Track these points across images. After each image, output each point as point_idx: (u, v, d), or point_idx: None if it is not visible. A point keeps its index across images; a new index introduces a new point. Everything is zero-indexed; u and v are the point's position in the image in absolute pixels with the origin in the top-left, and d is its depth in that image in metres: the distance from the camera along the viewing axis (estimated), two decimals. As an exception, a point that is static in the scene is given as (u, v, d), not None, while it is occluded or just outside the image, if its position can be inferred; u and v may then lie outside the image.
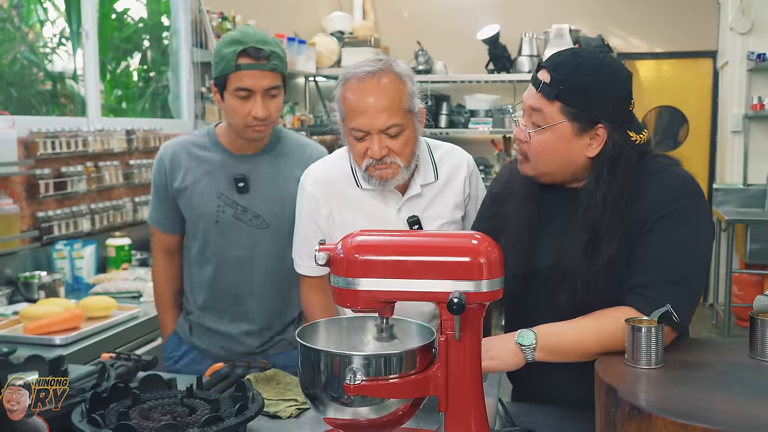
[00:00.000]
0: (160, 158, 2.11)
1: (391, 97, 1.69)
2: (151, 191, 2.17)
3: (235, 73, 1.92)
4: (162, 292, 2.21)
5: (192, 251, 2.13)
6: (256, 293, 2.08)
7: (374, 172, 1.75)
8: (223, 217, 2.04)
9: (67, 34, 3.85)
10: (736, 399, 1.16)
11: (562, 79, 1.45)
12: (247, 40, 1.92)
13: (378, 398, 1.25)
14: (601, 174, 1.47)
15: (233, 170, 2.05)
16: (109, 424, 1.34)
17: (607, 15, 6.23)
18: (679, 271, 1.42)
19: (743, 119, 5.60)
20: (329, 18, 6.33)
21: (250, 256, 2.06)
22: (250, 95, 1.93)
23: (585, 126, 1.46)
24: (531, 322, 1.48)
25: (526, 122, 1.52)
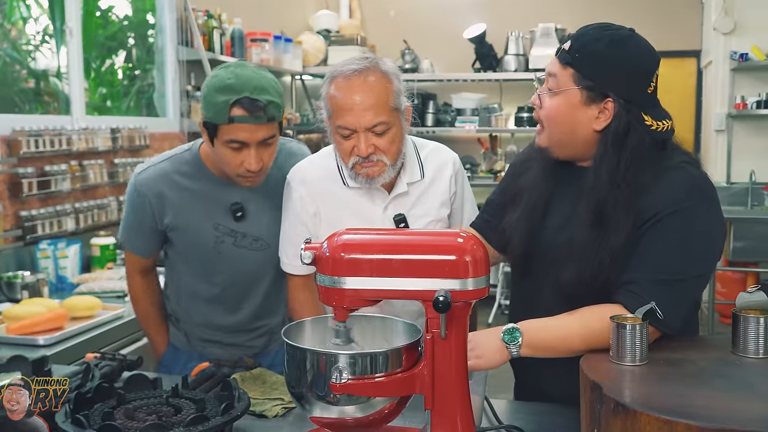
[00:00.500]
0: (141, 194, 1.95)
1: (378, 95, 1.69)
2: (128, 221, 2.04)
3: (227, 125, 1.77)
4: (147, 310, 2.12)
5: (186, 269, 2.03)
6: (260, 306, 2.04)
7: (361, 170, 1.75)
8: (222, 247, 1.96)
9: (51, 32, 3.81)
10: (719, 395, 1.17)
11: (579, 48, 1.46)
12: (242, 88, 1.76)
13: (364, 397, 1.25)
14: (606, 150, 1.46)
15: (227, 198, 1.95)
16: (93, 424, 1.33)
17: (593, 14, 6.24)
18: (674, 273, 1.41)
19: (726, 118, 5.65)
20: (316, 16, 6.32)
21: (254, 277, 2.01)
22: (243, 147, 1.80)
23: (594, 97, 1.46)
24: (534, 299, 1.51)
25: (543, 88, 1.54)
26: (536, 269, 1.59)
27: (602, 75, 1.45)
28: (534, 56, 5.86)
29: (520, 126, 6.10)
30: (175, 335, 2.10)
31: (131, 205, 2.01)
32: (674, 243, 1.42)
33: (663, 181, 1.45)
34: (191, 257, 2.01)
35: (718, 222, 1.48)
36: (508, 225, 1.62)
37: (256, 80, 1.79)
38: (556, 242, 1.54)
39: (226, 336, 2.05)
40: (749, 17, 5.57)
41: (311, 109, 6.23)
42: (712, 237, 1.47)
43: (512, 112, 6.22)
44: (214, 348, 2.05)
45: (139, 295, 2.12)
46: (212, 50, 4.38)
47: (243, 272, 1.99)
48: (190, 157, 1.98)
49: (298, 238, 1.82)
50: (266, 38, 5.00)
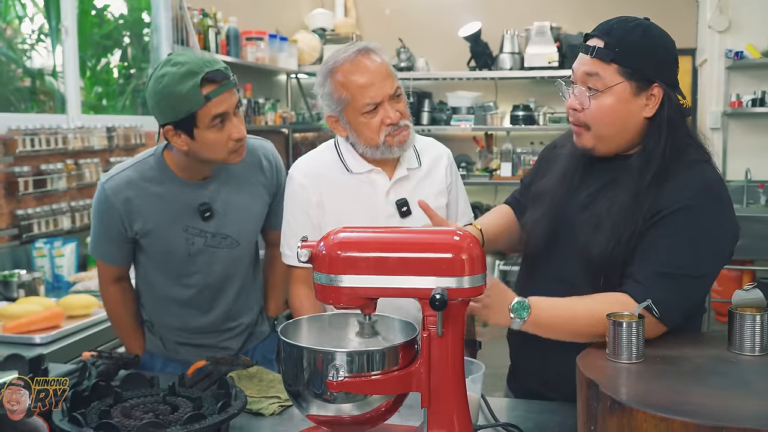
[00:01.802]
0: (109, 202, 1.92)
1: (386, 66, 1.83)
2: (96, 229, 2.00)
3: (204, 106, 1.77)
4: (121, 320, 2.09)
5: (157, 274, 2.02)
6: (233, 304, 2.06)
7: (393, 139, 1.83)
8: (194, 248, 1.96)
9: (46, 30, 3.80)
10: (715, 392, 1.17)
11: (617, 42, 1.49)
12: (198, 68, 1.77)
13: (361, 395, 1.25)
14: (657, 133, 1.50)
15: (194, 200, 1.95)
16: (90, 423, 1.34)
17: (588, 12, 6.25)
18: (679, 267, 1.44)
19: (722, 116, 5.66)
20: (311, 15, 6.32)
21: (226, 274, 2.02)
22: (224, 120, 1.81)
23: (642, 85, 1.50)
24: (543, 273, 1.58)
25: (581, 90, 1.54)
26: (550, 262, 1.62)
27: (645, 64, 1.50)
28: (529, 54, 5.86)
29: (516, 124, 6.10)
30: (151, 341, 2.08)
31: (99, 215, 1.98)
32: (682, 239, 1.44)
33: (678, 177, 1.48)
34: (164, 262, 1.99)
35: (727, 223, 1.50)
36: (529, 222, 1.67)
37: (200, 58, 1.81)
38: (580, 222, 1.56)
39: (201, 337, 2.05)
40: (744, 15, 5.58)
41: (307, 108, 6.22)
42: (720, 237, 1.48)
43: (507, 110, 6.23)
44: (190, 351, 2.04)
45: (115, 304, 2.08)
46: (207, 49, 4.38)
47: (215, 272, 2.00)
48: (154, 162, 1.96)
49: (300, 228, 1.85)
50: (261, 37, 5.00)
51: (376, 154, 1.85)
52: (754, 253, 5.15)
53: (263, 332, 2.18)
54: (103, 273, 2.07)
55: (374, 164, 1.89)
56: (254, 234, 2.08)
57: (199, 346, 2.05)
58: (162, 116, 1.82)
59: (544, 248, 1.63)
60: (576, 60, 1.57)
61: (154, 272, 2.02)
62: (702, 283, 1.49)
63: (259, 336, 2.16)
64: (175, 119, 1.79)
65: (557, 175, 1.67)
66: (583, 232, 1.54)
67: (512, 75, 6.00)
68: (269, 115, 5.20)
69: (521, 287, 1.74)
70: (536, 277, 1.68)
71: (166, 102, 1.79)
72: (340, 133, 1.90)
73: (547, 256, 1.64)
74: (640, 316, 1.33)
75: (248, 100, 4.91)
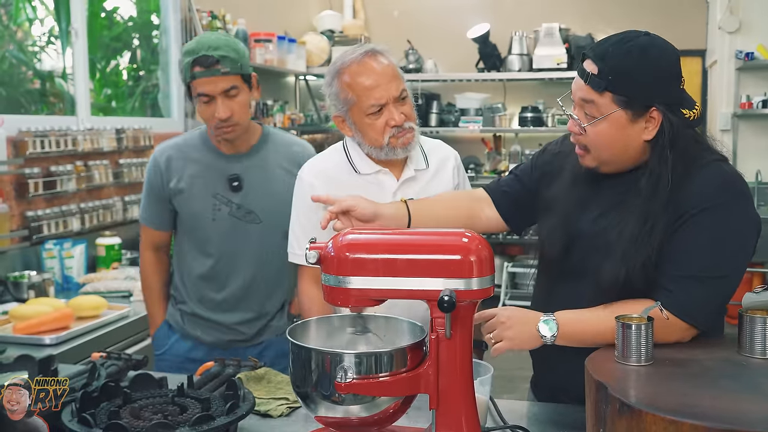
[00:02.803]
0: (155, 160, 2.19)
1: (392, 68, 1.84)
2: (144, 191, 2.25)
3: (193, 82, 2.03)
4: (151, 284, 2.29)
5: (187, 246, 2.20)
6: (249, 284, 2.18)
7: (398, 141, 1.84)
8: (219, 215, 2.14)
9: (56, 33, 3.83)
10: (725, 395, 1.17)
11: (610, 70, 1.43)
12: (199, 48, 2.01)
13: (369, 396, 1.25)
14: (661, 156, 1.46)
15: (227, 170, 2.14)
16: (99, 423, 1.34)
17: (597, 14, 6.25)
18: (705, 269, 1.42)
19: (732, 118, 5.63)
20: (319, 17, 6.33)
21: (245, 249, 2.15)
22: (210, 100, 2.03)
23: (639, 111, 1.45)
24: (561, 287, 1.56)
25: (579, 114, 1.51)
26: (567, 270, 1.60)
27: (641, 89, 1.44)
28: (538, 56, 5.86)
29: (524, 126, 6.09)
30: (172, 314, 2.25)
31: (147, 176, 2.22)
32: (706, 240, 1.42)
33: (696, 178, 1.45)
34: (191, 227, 2.17)
35: (750, 218, 1.47)
36: (543, 232, 1.65)
37: (213, 41, 2.05)
38: (592, 244, 1.54)
39: (216, 313, 2.18)
40: (754, 16, 5.56)
41: (315, 109, 6.23)
42: (744, 233, 1.46)
43: (516, 112, 6.22)
44: (204, 328, 2.19)
45: (148, 270, 2.29)
46: (217, 51, 4.38)
47: (234, 243, 2.15)
48: (198, 134, 2.22)
49: (309, 228, 1.86)
50: (270, 39, 5.01)
51: (381, 155, 1.87)
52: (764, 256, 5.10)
53: (280, 327, 2.24)
54: (144, 238, 2.29)
55: (382, 165, 1.89)
56: (280, 218, 2.07)
57: (213, 324, 2.19)
58: None
59: (562, 255, 1.61)
60: (574, 81, 1.52)
61: (183, 239, 2.21)
62: (728, 282, 1.46)
63: (276, 330, 2.23)
64: (184, 81, 2.09)
65: (567, 184, 1.64)
66: (594, 257, 1.51)
67: (521, 76, 6.00)
68: (278, 117, 5.21)
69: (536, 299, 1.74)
70: (550, 289, 1.66)
71: (179, 66, 2.10)
72: (346, 132, 1.92)
73: (563, 265, 1.61)
74: (650, 318, 1.33)
75: (257, 101, 4.92)
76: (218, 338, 2.19)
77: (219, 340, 2.19)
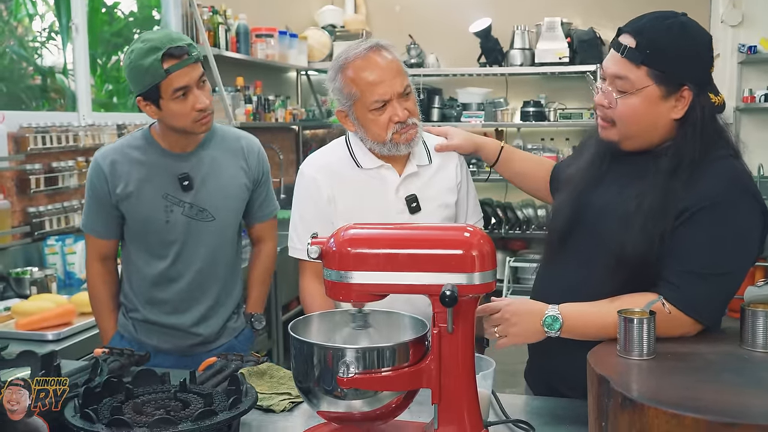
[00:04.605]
0: (97, 166, 2.08)
1: (397, 63, 1.84)
2: (87, 198, 2.14)
3: (166, 79, 1.93)
4: (99, 295, 2.19)
5: (137, 251, 2.12)
6: (205, 284, 2.13)
7: (401, 137, 1.84)
8: (172, 216, 2.07)
9: (57, 29, 3.82)
10: (727, 389, 1.17)
11: (648, 44, 1.45)
12: (162, 43, 1.93)
13: (371, 391, 1.25)
14: (687, 135, 1.47)
15: (175, 169, 2.07)
16: (102, 419, 1.34)
17: (599, 8, 6.22)
18: (709, 266, 1.42)
19: (734, 111, 5.62)
20: (321, 12, 6.31)
21: (198, 249, 2.10)
22: (187, 92, 1.96)
23: (671, 89, 1.47)
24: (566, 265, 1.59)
25: (610, 90, 1.52)
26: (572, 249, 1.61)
27: (677, 67, 1.46)
28: (540, 50, 5.84)
29: (526, 120, 6.08)
30: (124, 324, 2.16)
31: (89, 182, 2.11)
32: (711, 236, 1.43)
33: (704, 174, 1.46)
34: (143, 232, 2.09)
35: (756, 216, 1.47)
36: (553, 208, 1.69)
37: (167, 34, 1.98)
38: (602, 223, 1.54)
39: (168, 316, 2.11)
40: (757, 10, 5.54)
41: (317, 105, 6.22)
42: (750, 230, 1.46)
43: (518, 106, 6.20)
44: (160, 336, 2.12)
45: (96, 281, 2.18)
46: (218, 46, 4.38)
47: (188, 243, 2.08)
48: (140, 135, 2.13)
49: (312, 222, 1.87)
50: (271, 34, 5.00)
51: (383, 150, 1.86)
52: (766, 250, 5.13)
53: (237, 328, 2.21)
54: (90, 249, 2.18)
55: (384, 160, 1.89)
56: (231, 214, 2.12)
57: (168, 329, 2.12)
58: (133, 87, 1.99)
59: (566, 235, 1.63)
60: (607, 56, 1.54)
61: (134, 247, 2.12)
62: (732, 279, 1.46)
63: (234, 331, 2.20)
64: (142, 90, 1.96)
65: (584, 163, 1.67)
66: (609, 229, 1.51)
67: (523, 71, 5.98)
68: (279, 112, 5.20)
69: (540, 276, 1.75)
70: (556, 266, 1.67)
71: (133, 74, 1.96)
72: (349, 127, 1.91)
73: (568, 243, 1.63)
74: (651, 312, 1.32)
75: (258, 97, 4.91)
76: (176, 344, 2.12)
77: (177, 346, 2.11)
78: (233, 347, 2.16)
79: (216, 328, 2.16)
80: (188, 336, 2.13)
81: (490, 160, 1.97)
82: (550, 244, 1.70)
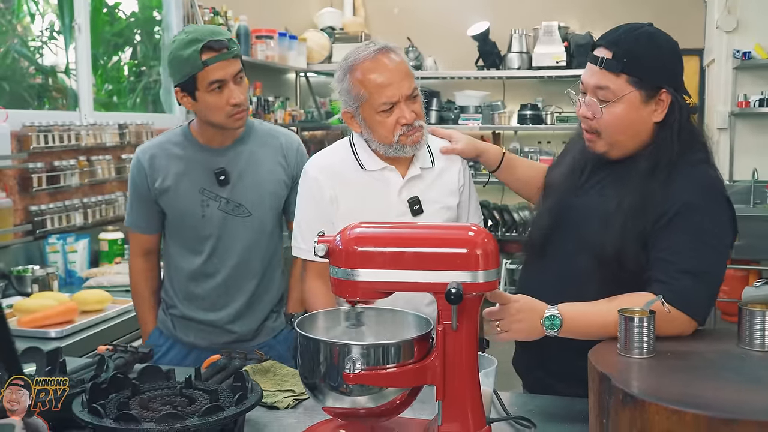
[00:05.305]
0: (138, 161, 2.13)
1: (405, 66, 1.85)
2: (129, 194, 2.18)
3: (203, 71, 1.95)
4: (142, 292, 2.23)
5: (175, 246, 2.15)
6: (241, 280, 2.13)
7: (407, 139, 1.85)
8: (207, 210, 2.09)
9: (58, 28, 3.83)
10: (727, 386, 1.19)
11: (624, 53, 1.55)
12: (203, 36, 1.95)
13: (376, 387, 1.27)
14: (665, 137, 1.57)
15: (212, 164, 2.09)
16: (109, 414, 1.35)
17: (596, 12, 6.26)
18: (697, 264, 1.48)
19: (729, 116, 5.65)
20: (320, 14, 6.34)
21: (234, 244, 2.11)
22: (222, 86, 1.98)
23: (651, 92, 1.56)
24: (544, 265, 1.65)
25: (591, 101, 1.59)
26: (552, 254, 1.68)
27: (652, 71, 1.56)
28: (537, 54, 5.87)
29: (523, 123, 6.11)
30: (163, 320, 2.20)
31: (131, 178, 2.16)
32: (694, 238, 1.49)
33: (681, 177, 1.54)
34: (180, 226, 2.12)
35: (728, 222, 1.55)
36: (535, 215, 1.76)
37: (209, 27, 2.02)
38: (583, 225, 1.61)
39: (205, 313, 2.13)
40: (752, 16, 5.58)
41: (315, 106, 6.24)
42: (726, 233, 1.54)
43: (515, 109, 6.24)
44: (197, 332, 2.14)
45: (138, 277, 2.23)
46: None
47: (224, 238, 2.10)
48: (180, 131, 2.16)
49: (314, 222, 1.88)
50: (271, 35, 5.02)
51: (390, 152, 1.87)
52: (760, 253, 5.15)
53: (276, 328, 2.20)
54: (133, 244, 2.24)
55: (388, 162, 1.91)
56: (268, 210, 2.12)
57: (205, 326, 2.13)
58: (173, 77, 2.03)
59: (548, 237, 1.70)
60: (585, 70, 1.62)
61: (172, 242, 2.15)
62: (718, 276, 1.53)
63: (272, 331, 2.19)
64: (180, 81, 2.00)
65: (566, 168, 1.74)
66: (590, 230, 1.58)
67: (520, 74, 6.01)
68: (278, 113, 5.22)
69: (523, 279, 1.82)
70: (541, 271, 1.73)
71: (173, 64, 2.00)
72: (354, 129, 1.92)
73: (549, 251, 1.69)
74: (651, 311, 1.35)
75: (258, 98, 4.93)
76: (212, 341, 2.11)
77: (213, 343, 2.10)
78: (272, 347, 2.15)
79: (253, 326, 2.16)
80: (224, 333, 2.13)
81: (492, 166, 1.99)
82: (533, 247, 1.76)
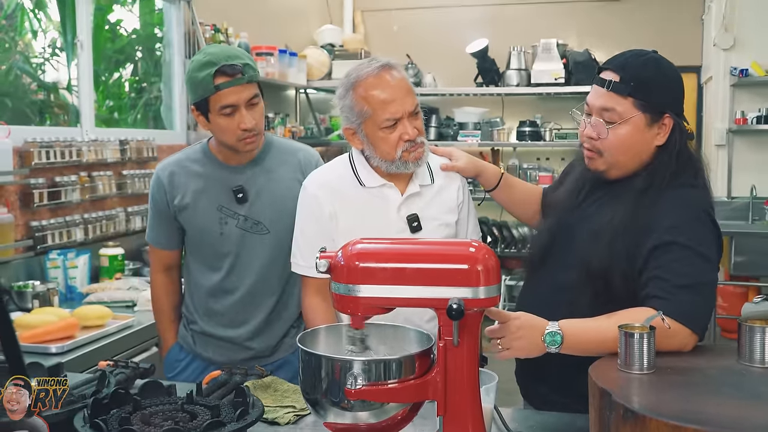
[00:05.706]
0: (158, 178, 2.15)
1: (406, 82, 1.87)
2: (150, 210, 2.21)
3: (215, 94, 1.97)
4: (163, 307, 2.26)
5: (195, 262, 2.17)
6: (259, 297, 2.13)
7: (410, 155, 1.86)
8: (226, 228, 2.10)
9: (60, 45, 3.86)
10: (727, 402, 1.20)
11: (631, 77, 1.61)
12: (218, 59, 1.96)
13: (378, 403, 1.27)
14: (664, 160, 1.62)
15: (231, 182, 2.11)
16: (111, 429, 1.36)
17: (594, 30, 6.31)
18: (694, 279, 1.51)
19: (727, 133, 5.68)
20: (320, 31, 6.38)
21: (252, 261, 2.11)
22: (234, 110, 1.98)
23: (655, 117, 1.62)
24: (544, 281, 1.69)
25: (597, 122, 1.64)
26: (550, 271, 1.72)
27: (658, 96, 1.62)
28: (536, 71, 5.91)
29: (522, 140, 6.13)
30: (183, 336, 2.22)
31: (151, 195, 2.19)
32: (688, 255, 1.53)
33: (672, 197, 1.59)
34: (199, 242, 2.14)
35: (714, 242, 1.60)
36: (535, 233, 1.81)
37: (227, 51, 2.03)
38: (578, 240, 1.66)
39: (224, 329, 2.14)
40: (749, 33, 5.62)
41: (315, 122, 6.27)
42: (714, 252, 1.58)
43: (514, 126, 6.27)
44: (215, 348, 2.16)
45: (159, 292, 2.26)
46: (219, 64, 4.42)
47: (242, 255, 2.11)
48: (199, 147, 2.18)
49: (314, 238, 1.88)
50: (271, 52, 5.05)
51: (392, 168, 1.88)
52: (759, 270, 5.16)
53: (293, 344, 2.16)
54: (154, 260, 2.27)
55: (387, 179, 1.91)
56: (287, 227, 2.07)
57: (224, 342, 2.14)
58: (189, 95, 2.07)
59: (545, 258, 1.74)
60: (591, 92, 1.67)
61: (192, 258, 2.18)
62: (713, 289, 1.58)
63: (291, 347, 2.17)
64: (194, 100, 2.03)
65: (567, 190, 1.79)
66: (582, 243, 1.64)
67: (519, 91, 6.05)
68: (279, 130, 5.24)
69: (523, 296, 1.85)
70: (537, 285, 1.77)
71: (189, 84, 2.04)
72: (356, 145, 1.92)
73: (547, 266, 1.74)
74: (652, 327, 1.36)
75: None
76: (230, 358, 2.11)
77: (231, 360, 2.09)
78: (291, 363, 2.14)
79: (271, 342, 2.15)
80: (242, 350, 2.14)
81: (490, 185, 2.01)
82: (532, 264, 1.80)
